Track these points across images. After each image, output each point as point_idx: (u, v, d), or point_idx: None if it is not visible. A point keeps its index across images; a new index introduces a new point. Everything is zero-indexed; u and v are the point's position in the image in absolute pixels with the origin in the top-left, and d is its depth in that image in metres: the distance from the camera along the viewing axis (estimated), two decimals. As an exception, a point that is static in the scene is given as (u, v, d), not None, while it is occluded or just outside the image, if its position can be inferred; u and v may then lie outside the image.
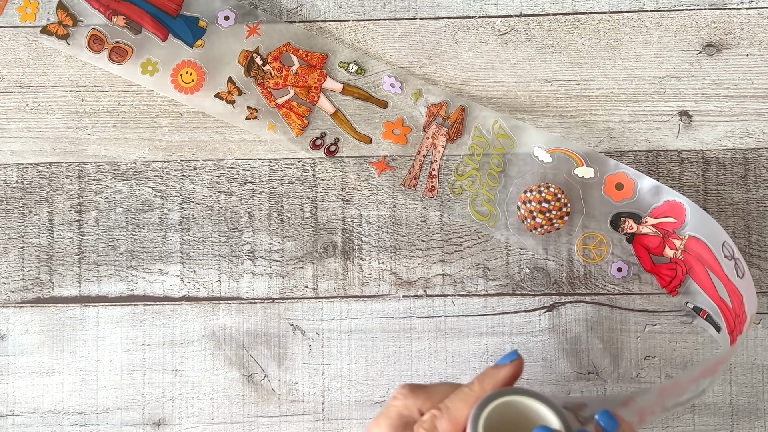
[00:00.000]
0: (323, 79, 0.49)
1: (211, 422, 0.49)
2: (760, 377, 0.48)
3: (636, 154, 0.49)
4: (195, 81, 0.49)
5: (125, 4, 0.49)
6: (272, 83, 0.49)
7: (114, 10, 0.49)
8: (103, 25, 0.49)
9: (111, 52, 0.49)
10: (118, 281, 0.49)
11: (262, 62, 0.48)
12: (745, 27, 0.49)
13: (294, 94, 0.49)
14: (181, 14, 0.49)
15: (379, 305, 0.49)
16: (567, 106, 0.49)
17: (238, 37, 0.49)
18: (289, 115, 0.48)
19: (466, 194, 0.48)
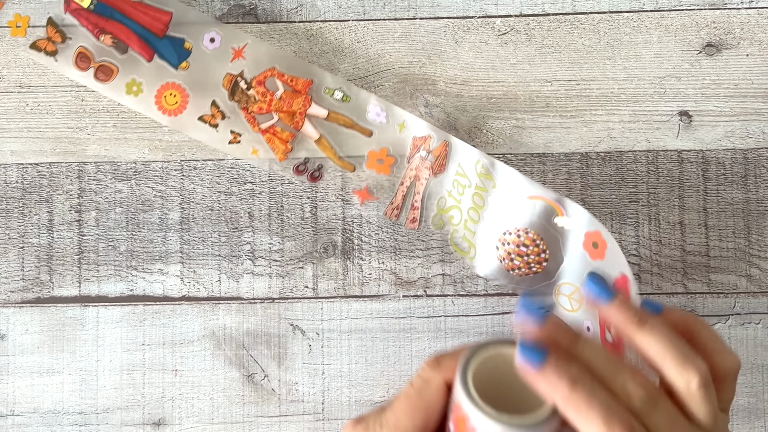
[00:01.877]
0: (308, 104, 0.48)
1: (211, 422, 0.49)
2: (760, 377, 0.48)
3: (636, 154, 0.49)
4: (179, 103, 0.49)
5: (113, 23, 0.49)
6: (256, 108, 0.49)
7: (102, 28, 0.49)
8: (91, 43, 0.49)
9: (97, 70, 0.49)
10: (118, 281, 0.49)
11: (246, 86, 0.48)
12: (745, 27, 0.49)
13: (278, 119, 0.49)
14: (167, 35, 0.49)
15: (379, 305, 0.49)
16: (567, 106, 0.49)
17: (223, 60, 0.49)
18: (272, 140, 0.48)
19: (448, 228, 0.48)
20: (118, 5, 0.49)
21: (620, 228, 0.49)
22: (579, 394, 0.31)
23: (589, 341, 0.33)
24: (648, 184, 0.49)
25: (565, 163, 0.49)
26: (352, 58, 0.50)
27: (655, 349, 0.33)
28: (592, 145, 0.49)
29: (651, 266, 0.49)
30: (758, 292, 0.48)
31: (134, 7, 0.49)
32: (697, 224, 0.49)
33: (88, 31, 0.49)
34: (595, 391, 0.31)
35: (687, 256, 0.49)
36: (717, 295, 0.48)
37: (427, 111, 0.49)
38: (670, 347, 0.33)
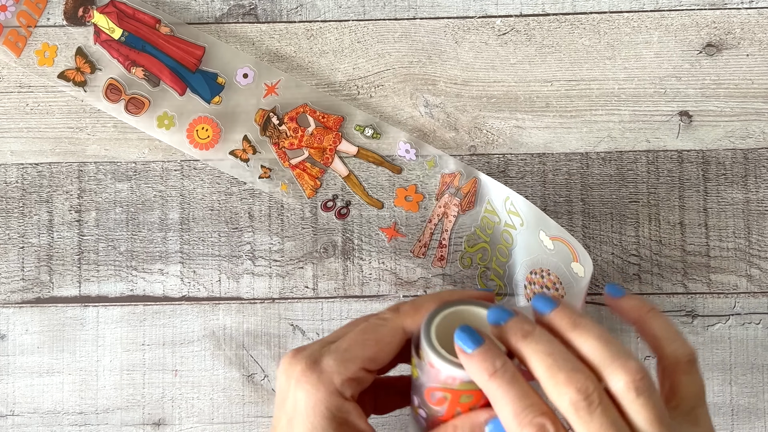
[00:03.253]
0: (338, 141, 0.48)
1: (211, 422, 0.49)
2: (760, 377, 0.48)
3: (636, 154, 0.49)
4: (210, 137, 0.48)
5: (145, 56, 0.48)
6: (287, 143, 0.48)
7: (133, 60, 0.48)
8: (121, 75, 0.49)
9: (128, 102, 0.49)
10: (118, 281, 0.49)
11: (278, 122, 0.48)
12: (745, 27, 0.49)
13: (308, 155, 0.48)
14: (200, 69, 0.49)
15: (379, 305, 0.49)
16: (567, 106, 0.49)
17: (255, 96, 0.49)
18: (302, 175, 0.48)
19: (476, 266, 0.48)
20: (150, 38, 0.49)
21: (620, 228, 0.49)
22: (497, 383, 0.32)
23: (542, 336, 0.33)
24: (648, 184, 0.49)
25: (565, 163, 0.49)
26: (352, 58, 0.50)
27: (588, 350, 0.33)
28: (592, 145, 0.49)
29: (651, 266, 0.49)
30: (758, 292, 0.48)
31: (166, 40, 0.49)
32: (697, 224, 0.49)
33: (119, 63, 0.49)
34: (514, 384, 0.32)
35: (687, 256, 0.49)
36: (717, 295, 0.48)
37: (427, 111, 0.49)
38: (601, 347, 0.32)
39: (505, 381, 0.32)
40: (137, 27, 0.49)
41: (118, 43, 0.49)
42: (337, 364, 0.35)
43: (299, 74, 0.50)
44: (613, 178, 0.49)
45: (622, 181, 0.49)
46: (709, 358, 0.48)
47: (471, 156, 0.49)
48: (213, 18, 0.50)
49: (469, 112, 0.49)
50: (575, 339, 0.33)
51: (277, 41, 0.50)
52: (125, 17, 0.49)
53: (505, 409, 0.32)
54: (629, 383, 0.31)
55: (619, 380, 0.31)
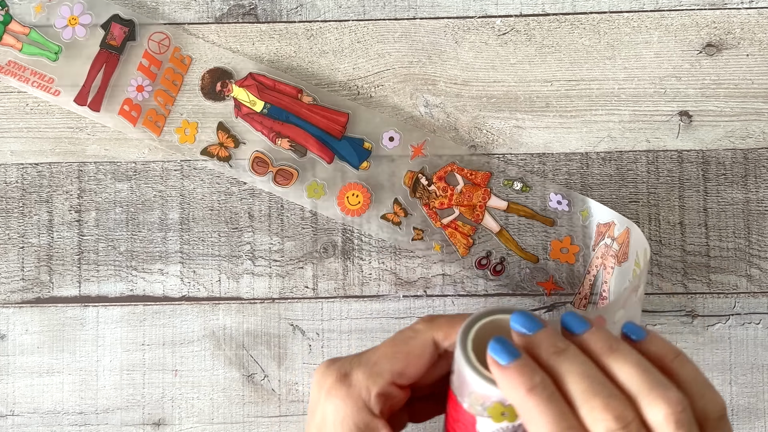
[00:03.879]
0: (488, 197, 0.48)
1: (211, 422, 0.49)
2: (760, 377, 0.48)
3: (636, 154, 0.49)
4: (361, 203, 0.48)
5: (289, 126, 0.48)
6: (437, 203, 0.48)
7: (278, 132, 0.48)
8: (266, 147, 0.48)
9: (276, 174, 0.48)
10: (118, 281, 0.49)
11: (427, 182, 0.47)
12: (745, 27, 0.49)
13: (459, 213, 0.48)
14: (345, 136, 0.48)
15: (379, 305, 0.49)
16: (567, 106, 0.49)
17: (403, 158, 0.49)
18: (454, 234, 0.48)
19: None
20: (294, 108, 0.48)
21: (620, 228, 0.49)
22: (534, 400, 0.30)
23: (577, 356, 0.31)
24: (648, 184, 0.49)
25: (565, 163, 0.49)
26: (352, 58, 0.50)
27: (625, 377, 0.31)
28: (592, 145, 0.49)
29: (651, 266, 0.49)
30: (758, 292, 0.48)
31: (310, 109, 0.48)
32: (697, 224, 0.49)
33: (263, 135, 0.48)
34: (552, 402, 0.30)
35: (687, 256, 0.49)
36: (717, 295, 0.48)
37: (427, 111, 0.49)
38: (639, 375, 0.31)
39: (543, 399, 0.30)
40: (279, 98, 0.48)
41: (260, 115, 0.48)
42: (365, 378, 0.34)
43: (300, 75, 0.50)
44: (613, 178, 0.49)
45: (622, 181, 0.49)
46: (709, 358, 0.48)
47: (471, 156, 0.49)
48: (213, 18, 0.50)
49: (469, 112, 0.49)
50: (611, 364, 0.31)
51: (277, 41, 0.50)
52: (265, 89, 0.48)
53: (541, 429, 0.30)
54: (669, 415, 0.29)
55: (659, 412, 0.29)
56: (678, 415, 0.29)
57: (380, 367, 0.35)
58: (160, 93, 0.49)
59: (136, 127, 0.49)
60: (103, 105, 0.49)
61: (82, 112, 0.49)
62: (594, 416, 0.29)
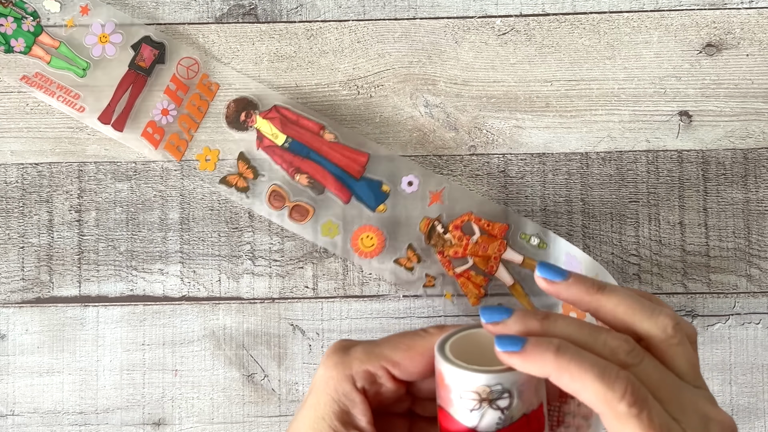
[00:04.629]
0: (503, 249, 0.47)
1: (211, 422, 0.49)
2: (760, 377, 0.48)
3: (636, 154, 0.49)
4: (375, 245, 0.48)
5: (309, 163, 0.48)
6: (452, 252, 0.47)
7: (297, 167, 0.48)
8: (284, 181, 0.48)
9: (292, 210, 0.48)
10: (118, 281, 0.49)
11: (443, 230, 0.47)
12: (745, 27, 0.49)
13: (473, 263, 0.48)
14: (364, 176, 0.48)
15: (379, 305, 0.49)
16: (567, 106, 0.49)
17: (420, 204, 0.48)
18: (466, 284, 0.47)
19: None
20: (315, 145, 0.48)
21: (620, 228, 0.49)
22: (566, 358, 0.31)
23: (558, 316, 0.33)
24: (648, 184, 0.49)
25: (565, 163, 0.49)
26: (352, 58, 0.50)
27: (622, 308, 0.33)
28: (592, 145, 0.49)
29: (651, 266, 0.49)
30: (758, 292, 0.48)
31: (331, 147, 0.48)
32: (697, 224, 0.49)
33: (283, 169, 0.48)
34: (582, 353, 0.31)
35: (687, 256, 0.49)
36: (717, 295, 0.48)
37: (427, 111, 0.49)
38: (636, 301, 0.33)
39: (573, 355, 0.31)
40: (301, 133, 0.48)
41: (281, 149, 0.48)
42: (361, 353, 0.35)
43: (299, 75, 0.50)
44: (613, 178, 0.49)
45: (622, 181, 0.49)
46: (709, 358, 0.48)
47: (471, 156, 0.49)
48: (213, 18, 0.50)
49: (469, 112, 0.49)
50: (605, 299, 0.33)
51: (277, 41, 0.50)
52: (289, 123, 0.48)
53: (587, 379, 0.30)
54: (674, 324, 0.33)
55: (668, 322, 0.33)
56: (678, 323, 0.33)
57: (379, 350, 0.35)
58: (184, 118, 0.48)
59: (157, 150, 0.49)
60: (127, 125, 0.49)
61: (105, 131, 0.49)
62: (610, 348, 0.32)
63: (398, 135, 0.49)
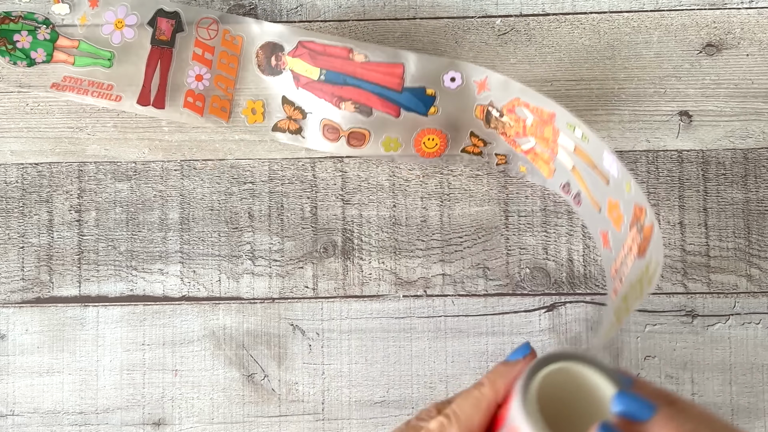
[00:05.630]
0: (557, 134, 0.46)
1: (211, 422, 0.49)
2: (760, 377, 0.48)
3: (636, 154, 0.49)
4: (438, 144, 0.48)
5: (349, 89, 0.47)
6: (513, 132, 0.47)
7: (340, 96, 0.47)
8: (333, 113, 0.48)
9: (349, 138, 0.48)
10: (118, 281, 0.49)
11: (499, 114, 0.47)
12: (745, 27, 0.49)
13: (536, 142, 0.47)
14: (405, 87, 0.47)
15: (379, 305, 0.49)
16: (567, 106, 0.49)
17: (469, 95, 0.48)
18: (536, 159, 0.47)
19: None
20: (348, 70, 0.47)
21: (620, 228, 0.49)
22: None
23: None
24: (648, 184, 0.49)
25: (565, 163, 0.49)
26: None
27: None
28: (592, 145, 0.49)
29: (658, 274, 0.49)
30: (758, 292, 0.48)
31: (364, 68, 0.47)
32: (697, 224, 0.49)
33: (327, 101, 0.47)
34: None
35: (687, 256, 0.49)
36: (717, 295, 0.48)
37: (427, 111, 0.49)
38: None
39: None
40: (332, 62, 0.47)
41: (319, 82, 0.47)
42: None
43: (299, 74, 0.50)
44: (613, 178, 0.49)
45: (622, 181, 0.49)
46: (709, 358, 0.48)
47: (471, 155, 0.49)
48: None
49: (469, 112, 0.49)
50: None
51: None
52: (317, 55, 0.47)
53: None
54: None
55: None
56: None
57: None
58: (219, 78, 0.48)
59: (203, 117, 0.48)
60: (167, 101, 0.48)
61: (148, 113, 0.48)
62: None
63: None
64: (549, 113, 0.44)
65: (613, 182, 0.43)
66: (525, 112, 0.46)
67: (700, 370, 0.48)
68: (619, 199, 0.43)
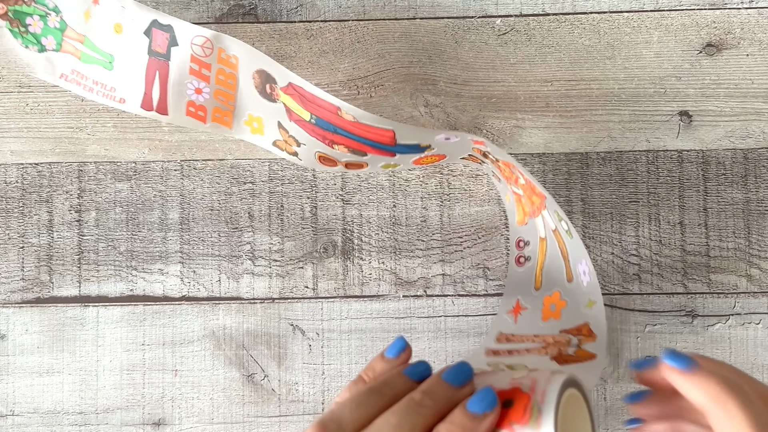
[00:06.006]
0: (543, 207, 0.45)
1: (211, 422, 0.49)
2: (760, 377, 0.48)
3: (636, 154, 0.49)
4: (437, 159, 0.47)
5: (341, 137, 0.44)
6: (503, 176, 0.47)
7: (332, 140, 0.45)
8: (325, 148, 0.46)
9: (346, 166, 0.47)
10: (118, 281, 0.49)
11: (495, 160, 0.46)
12: (745, 27, 0.49)
13: (523, 193, 0.46)
14: (399, 143, 0.45)
15: (379, 305, 0.49)
16: (567, 106, 0.49)
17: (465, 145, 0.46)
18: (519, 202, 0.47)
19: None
20: (339, 123, 0.43)
21: (620, 228, 0.49)
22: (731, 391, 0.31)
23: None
24: (648, 184, 0.49)
25: (565, 163, 0.49)
26: (352, 58, 0.50)
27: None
28: (592, 145, 0.49)
29: (651, 266, 0.49)
30: (758, 292, 0.48)
31: (354, 125, 0.43)
32: (697, 224, 0.49)
33: (318, 141, 0.45)
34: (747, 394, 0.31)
35: (687, 256, 0.49)
36: (717, 295, 0.48)
37: (427, 111, 0.49)
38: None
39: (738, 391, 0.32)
40: (321, 112, 0.43)
41: (310, 124, 0.44)
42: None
43: (300, 74, 0.50)
44: (613, 178, 0.49)
45: (622, 181, 0.49)
46: (709, 358, 0.48)
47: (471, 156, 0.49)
48: (213, 18, 0.50)
49: (469, 112, 0.49)
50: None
51: (277, 41, 0.50)
52: (307, 101, 0.44)
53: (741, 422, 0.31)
54: None
55: None
56: None
57: None
58: (218, 92, 0.47)
59: (207, 124, 0.47)
60: (169, 108, 0.47)
61: (153, 117, 0.47)
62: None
63: (398, 135, 0.49)
64: (540, 194, 0.44)
65: (577, 287, 0.44)
66: (519, 175, 0.45)
67: (700, 370, 0.48)
68: (569, 302, 0.44)
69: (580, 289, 0.44)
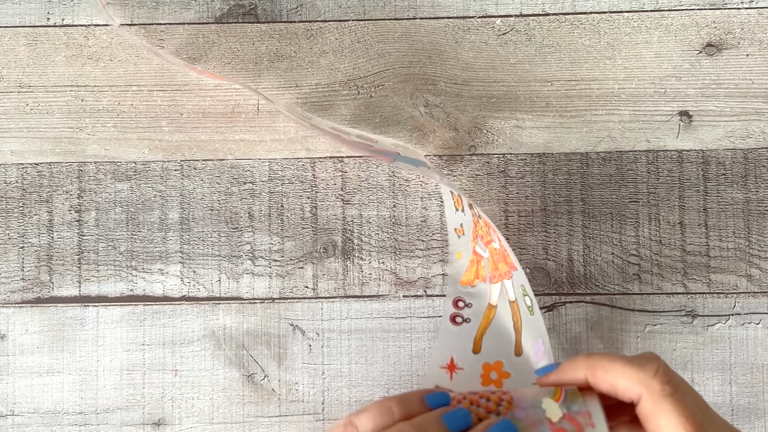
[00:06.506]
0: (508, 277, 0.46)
1: (211, 422, 0.49)
2: (760, 377, 0.48)
3: (636, 154, 0.49)
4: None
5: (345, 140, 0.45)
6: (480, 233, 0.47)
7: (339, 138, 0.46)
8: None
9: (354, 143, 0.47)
10: (118, 281, 0.49)
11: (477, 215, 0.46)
12: (745, 27, 0.49)
13: (489, 256, 0.46)
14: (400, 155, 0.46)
15: (379, 305, 0.49)
16: (567, 106, 0.49)
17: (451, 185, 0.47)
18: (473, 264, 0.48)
19: None
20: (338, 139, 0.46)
21: (620, 228, 0.49)
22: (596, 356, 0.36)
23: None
24: (648, 184, 0.49)
25: (565, 163, 0.49)
26: (352, 58, 0.50)
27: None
28: (592, 145, 0.49)
29: (651, 266, 0.49)
30: (758, 292, 0.48)
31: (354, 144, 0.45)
32: (697, 224, 0.49)
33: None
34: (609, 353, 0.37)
35: (687, 256, 0.49)
36: (717, 295, 0.48)
37: (427, 111, 0.49)
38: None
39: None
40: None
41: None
42: None
43: (299, 75, 0.50)
44: (613, 178, 0.49)
45: (622, 181, 0.49)
46: (709, 358, 0.48)
47: (471, 156, 0.49)
48: (213, 18, 0.50)
49: (469, 112, 0.49)
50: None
51: (277, 41, 0.50)
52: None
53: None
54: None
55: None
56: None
57: None
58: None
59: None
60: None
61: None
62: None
63: (398, 135, 0.49)
64: (511, 264, 0.45)
65: (524, 363, 0.45)
66: (495, 237, 0.45)
67: (700, 370, 0.48)
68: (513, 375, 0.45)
69: (529, 366, 0.45)
